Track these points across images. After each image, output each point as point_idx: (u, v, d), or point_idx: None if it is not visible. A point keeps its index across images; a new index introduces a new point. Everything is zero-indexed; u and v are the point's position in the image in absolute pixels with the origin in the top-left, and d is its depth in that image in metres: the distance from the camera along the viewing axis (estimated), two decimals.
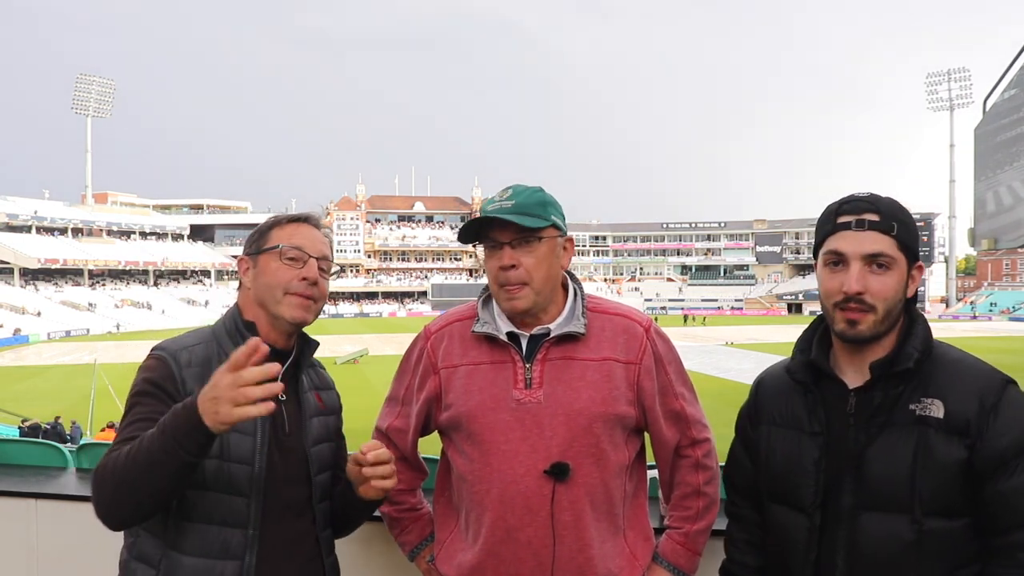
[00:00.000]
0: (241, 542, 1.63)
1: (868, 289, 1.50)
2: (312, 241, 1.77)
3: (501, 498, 1.71)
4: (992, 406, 1.45)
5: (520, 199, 1.74)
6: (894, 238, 1.50)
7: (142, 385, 1.64)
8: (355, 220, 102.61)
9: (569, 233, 1.83)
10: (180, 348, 1.69)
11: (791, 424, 1.62)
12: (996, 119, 23.42)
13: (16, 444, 3.23)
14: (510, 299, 1.74)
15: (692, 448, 1.84)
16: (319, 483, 1.78)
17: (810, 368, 1.61)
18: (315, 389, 1.85)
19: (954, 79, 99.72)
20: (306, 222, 1.80)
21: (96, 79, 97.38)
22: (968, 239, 23.64)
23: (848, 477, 1.52)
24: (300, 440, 1.75)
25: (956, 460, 1.45)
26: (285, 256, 1.73)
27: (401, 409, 1.90)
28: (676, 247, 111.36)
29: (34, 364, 41.95)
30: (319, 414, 1.83)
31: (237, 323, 1.75)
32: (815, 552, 1.55)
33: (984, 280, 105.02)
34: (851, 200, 1.54)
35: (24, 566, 2.65)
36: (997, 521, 1.44)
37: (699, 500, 1.83)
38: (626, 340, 1.78)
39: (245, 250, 1.80)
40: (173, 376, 1.64)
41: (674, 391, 1.81)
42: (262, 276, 1.74)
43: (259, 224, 1.83)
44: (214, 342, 1.72)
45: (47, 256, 75.92)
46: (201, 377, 1.61)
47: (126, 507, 1.50)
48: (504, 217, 1.71)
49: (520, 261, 1.73)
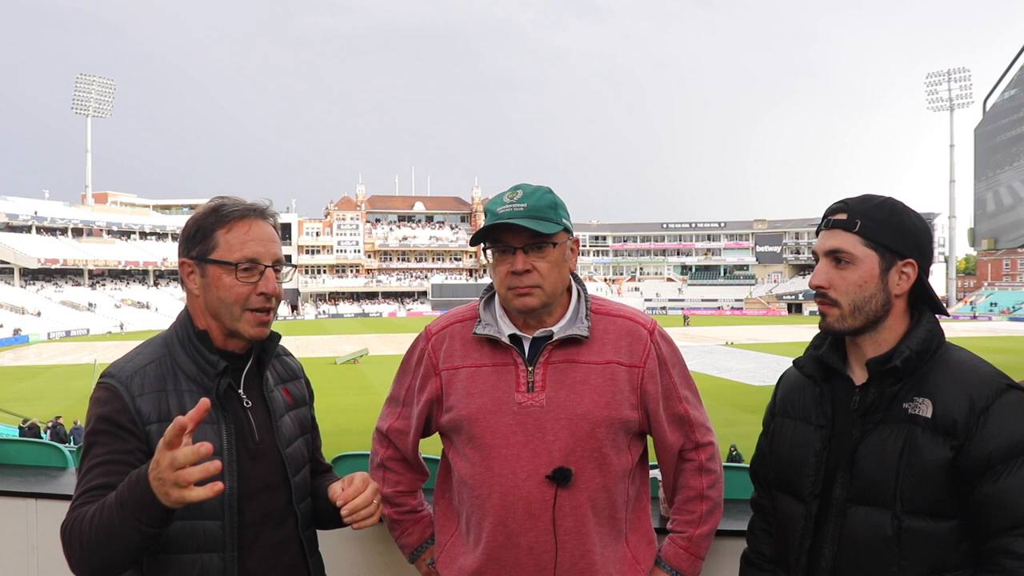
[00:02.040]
0: (219, 565, 1.58)
1: (831, 284, 1.56)
2: (266, 245, 1.64)
3: (503, 503, 1.70)
4: (983, 409, 1.44)
5: (531, 201, 1.70)
6: (857, 235, 1.54)
7: (96, 423, 1.55)
8: (355, 220, 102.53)
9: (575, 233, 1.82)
10: (131, 373, 1.59)
11: (801, 416, 1.66)
12: (996, 119, 23.41)
13: (16, 444, 3.22)
14: (521, 296, 1.71)
15: (696, 452, 1.83)
16: (298, 484, 1.73)
17: (819, 363, 1.64)
18: (282, 383, 1.79)
19: (954, 79, 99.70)
20: (256, 217, 1.65)
21: (96, 79, 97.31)
22: (968, 239, 23.62)
23: (842, 470, 1.55)
24: (273, 444, 1.69)
25: (941, 460, 1.45)
26: (240, 270, 1.61)
27: (402, 410, 1.89)
28: (676, 247, 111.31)
29: (34, 364, 41.96)
30: (289, 409, 1.77)
31: (190, 334, 1.64)
32: (810, 540, 1.58)
33: (984, 280, 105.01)
34: (833, 203, 1.60)
35: (24, 566, 2.65)
36: (982, 525, 1.44)
37: (702, 504, 1.82)
38: (630, 343, 1.76)
39: (185, 250, 1.64)
40: (127, 408, 1.55)
41: (678, 394, 1.80)
42: (214, 289, 1.62)
43: (199, 217, 1.64)
44: (168, 357, 1.63)
45: (47, 256, 75.90)
46: (157, 403, 1.57)
47: (98, 569, 1.46)
48: (525, 225, 1.67)
49: (533, 265, 1.70)
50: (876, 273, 1.54)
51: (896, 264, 1.55)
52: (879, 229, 1.54)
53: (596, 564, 1.71)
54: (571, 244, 1.79)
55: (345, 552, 2.27)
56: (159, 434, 1.51)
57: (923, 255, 1.56)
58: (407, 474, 1.93)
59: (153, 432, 1.54)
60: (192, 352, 1.63)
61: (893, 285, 1.55)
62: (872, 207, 1.55)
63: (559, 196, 1.79)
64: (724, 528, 1.87)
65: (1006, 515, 1.41)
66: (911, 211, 1.58)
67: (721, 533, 1.87)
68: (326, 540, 1.81)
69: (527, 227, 1.67)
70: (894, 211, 1.55)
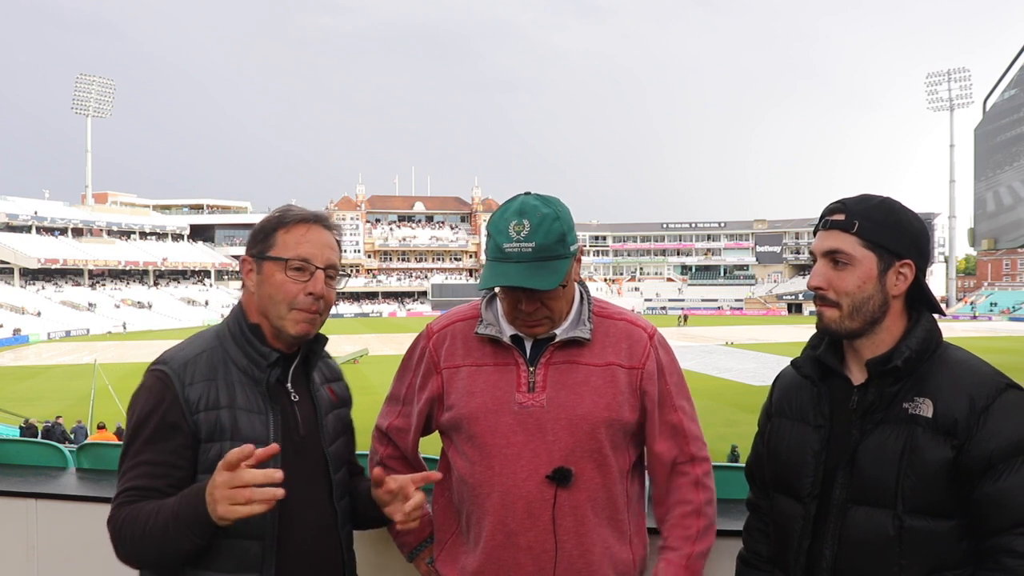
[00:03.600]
0: (258, 552, 1.60)
1: (830, 285, 1.56)
2: (320, 248, 1.69)
3: (502, 502, 1.70)
4: (983, 408, 1.45)
5: (540, 239, 1.63)
6: (855, 235, 1.53)
7: (144, 417, 1.58)
8: (355, 220, 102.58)
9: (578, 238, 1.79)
10: (184, 362, 1.63)
11: (799, 417, 1.65)
12: (996, 119, 23.39)
13: (16, 444, 3.23)
14: (530, 328, 1.72)
15: (691, 465, 1.80)
16: (338, 481, 1.77)
17: (817, 364, 1.64)
18: (327, 382, 1.83)
19: (954, 79, 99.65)
20: (315, 223, 1.71)
21: (96, 79, 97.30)
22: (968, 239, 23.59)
23: (842, 471, 1.55)
24: (317, 440, 1.73)
25: (942, 460, 1.45)
26: (291, 268, 1.66)
27: (402, 408, 1.89)
28: (676, 247, 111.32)
29: (34, 364, 41.97)
30: (333, 408, 1.81)
31: (242, 327, 1.69)
32: (808, 541, 1.58)
33: (984, 280, 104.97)
34: (830, 204, 1.60)
35: (24, 566, 2.65)
36: (982, 524, 1.44)
37: (700, 520, 1.78)
38: (629, 345, 1.77)
39: (248, 249, 1.72)
40: (176, 399, 1.58)
41: (673, 403, 1.79)
42: (266, 286, 1.67)
43: (264, 220, 1.73)
44: (219, 348, 1.67)
45: (47, 256, 75.90)
46: (206, 391, 1.60)
47: (149, 564, 1.60)
48: (531, 286, 1.62)
49: (542, 302, 1.68)
50: (874, 274, 1.54)
51: (894, 265, 1.54)
52: (877, 230, 1.53)
53: (595, 564, 1.72)
54: (577, 255, 1.74)
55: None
56: (207, 423, 1.59)
57: (921, 255, 1.56)
58: (406, 472, 1.93)
59: (201, 420, 1.59)
60: (244, 344, 1.67)
61: (891, 286, 1.55)
62: (870, 207, 1.55)
63: (565, 207, 1.72)
64: (722, 528, 1.86)
65: (1006, 514, 1.41)
66: (909, 211, 1.58)
67: (718, 533, 1.86)
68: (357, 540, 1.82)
69: (536, 288, 1.62)
70: (892, 211, 1.55)
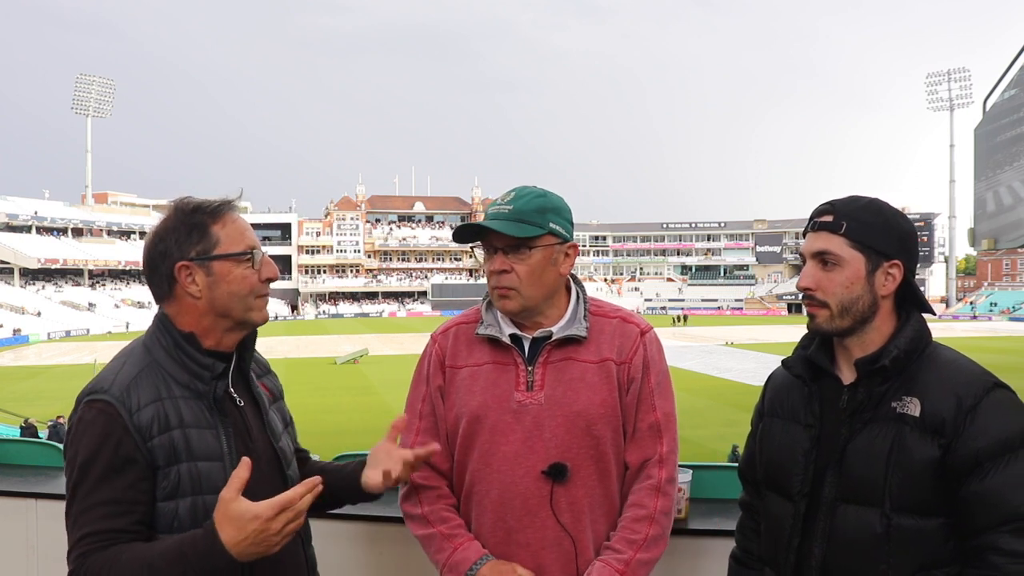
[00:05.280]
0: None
1: (818, 286, 1.57)
2: (252, 233, 1.64)
3: (501, 499, 1.72)
4: (970, 408, 1.46)
5: (519, 204, 1.74)
6: (843, 236, 1.55)
7: (91, 455, 1.46)
8: (355, 220, 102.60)
9: (575, 236, 1.82)
10: (124, 387, 1.51)
11: (790, 416, 1.67)
12: (996, 119, 23.39)
13: (16, 444, 3.23)
14: (500, 299, 1.76)
15: (658, 468, 1.75)
16: (291, 477, 1.71)
17: (808, 363, 1.66)
18: (259, 378, 1.76)
19: (954, 79, 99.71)
20: (233, 209, 1.64)
21: (96, 79, 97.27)
22: (968, 239, 23.56)
23: (831, 470, 1.56)
24: (267, 440, 1.68)
25: (929, 458, 1.46)
26: (243, 259, 1.60)
27: (420, 424, 1.84)
28: (676, 247, 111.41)
29: (34, 364, 42.00)
30: (273, 402, 1.76)
31: (175, 338, 1.58)
32: (798, 539, 1.60)
33: (984, 280, 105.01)
34: (819, 205, 1.62)
35: (24, 566, 2.65)
36: (970, 522, 1.45)
37: (650, 527, 1.71)
38: (621, 341, 1.79)
39: (180, 254, 1.57)
40: (127, 431, 1.47)
41: (653, 403, 1.78)
42: (224, 284, 1.58)
43: (180, 219, 1.59)
44: (155, 364, 1.56)
45: (47, 256, 75.98)
46: (158, 415, 1.50)
47: None
48: (494, 228, 1.71)
49: (512, 267, 1.73)
50: (862, 274, 1.55)
51: (882, 265, 1.56)
52: (865, 231, 1.55)
53: (593, 560, 1.72)
54: (563, 249, 1.78)
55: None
56: (162, 447, 1.50)
57: (909, 256, 1.58)
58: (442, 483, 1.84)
59: (156, 446, 1.49)
60: (181, 357, 1.57)
61: (879, 286, 1.56)
62: (858, 208, 1.57)
63: (562, 201, 1.79)
64: (717, 527, 1.87)
65: (993, 512, 1.42)
66: (897, 212, 1.59)
67: (713, 532, 1.87)
68: (317, 537, 1.82)
69: (499, 231, 1.70)
70: (880, 212, 1.57)
